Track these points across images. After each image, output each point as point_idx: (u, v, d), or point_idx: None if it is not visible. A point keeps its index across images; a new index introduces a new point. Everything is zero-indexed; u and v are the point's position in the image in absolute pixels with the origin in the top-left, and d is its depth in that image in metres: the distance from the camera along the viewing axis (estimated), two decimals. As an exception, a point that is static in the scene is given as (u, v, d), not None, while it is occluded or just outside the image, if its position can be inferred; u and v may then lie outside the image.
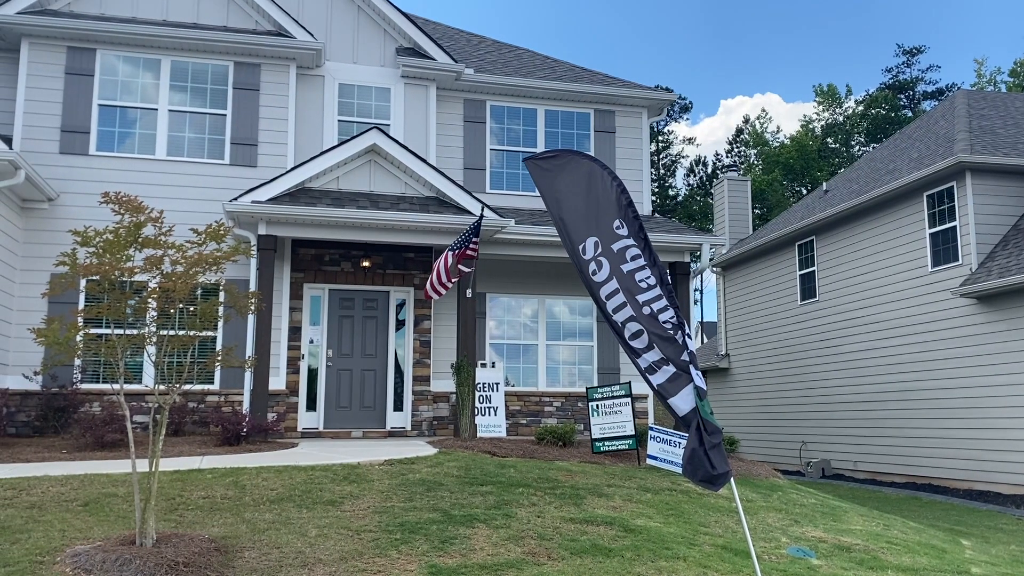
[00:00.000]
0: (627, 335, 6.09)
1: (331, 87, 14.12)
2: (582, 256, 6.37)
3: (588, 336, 14.79)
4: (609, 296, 6.18)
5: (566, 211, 6.64)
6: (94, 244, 5.91)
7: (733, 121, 79.06)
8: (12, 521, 6.42)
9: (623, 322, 6.11)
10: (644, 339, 6.03)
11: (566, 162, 6.74)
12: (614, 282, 6.17)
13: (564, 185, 6.70)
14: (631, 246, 6.24)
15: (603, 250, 6.27)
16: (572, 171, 6.64)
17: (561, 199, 6.69)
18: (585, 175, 6.62)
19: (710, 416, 5.93)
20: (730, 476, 5.89)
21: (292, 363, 13.02)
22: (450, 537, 6.44)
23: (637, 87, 16.14)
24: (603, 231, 6.31)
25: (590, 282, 6.32)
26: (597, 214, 6.43)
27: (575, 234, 6.51)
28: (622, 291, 6.14)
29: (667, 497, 8.56)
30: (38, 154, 12.24)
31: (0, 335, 11.52)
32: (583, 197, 6.56)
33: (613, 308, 6.15)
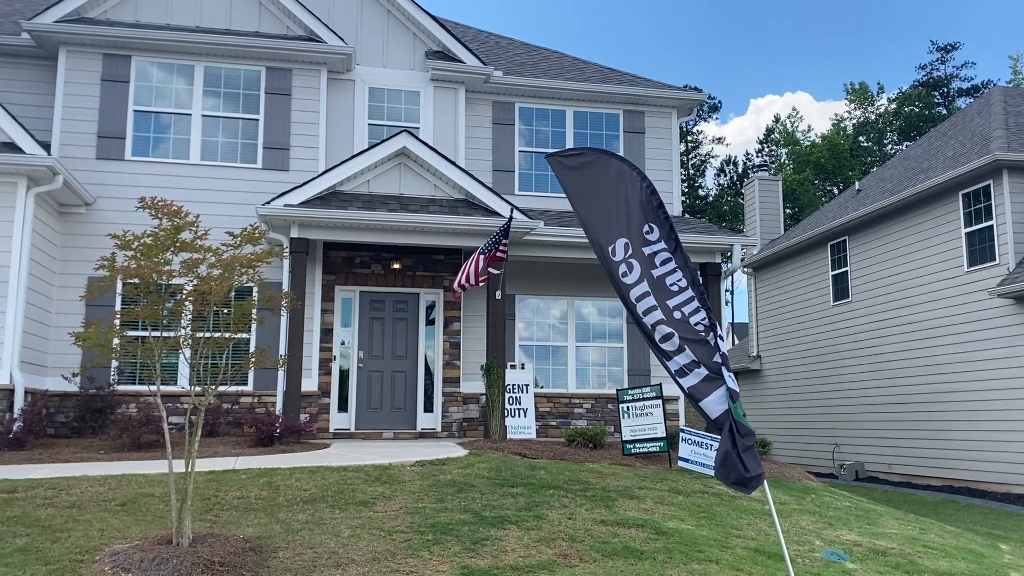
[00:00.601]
0: (657, 338, 6.06)
1: (361, 91, 14.23)
2: (611, 257, 6.32)
3: (618, 337, 14.75)
4: (639, 299, 6.15)
5: (591, 211, 6.59)
6: (133, 248, 6.03)
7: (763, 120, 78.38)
8: (53, 520, 6.55)
9: (653, 325, 6.08)
10: (675, 342, 6.00)
11: (591, 160, 6.67)
12: (645, 285, 6.14)
13: (589, 184, 6.65)
14: (662, 249, 6.19)
15: (634, 252, 6.22)
16: (598, 170, 6.58)
17: (586, 198, 6.64)
18: (614, 175, 6.56)
19: (743, 418, 5.88)
20: (763, 479, 5.85)
21: (324, 364, 13.13)
22: (481, 538, 6.46)
23: (666, 87, 16.08)
24: (633, 233, 6.27)
25: (619, 284, 6.29)
26: (627, 215, 6.39)
27: (603, 234, 6.46)
28: (653, 295, 6.10)
29: (699, 499, 8.51)
30: (75, 159, 12.46)
31: (39, 338, 11.74)
32: (611, 197, 6.51)
33: (643, 311, 6.12)
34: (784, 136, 55.11)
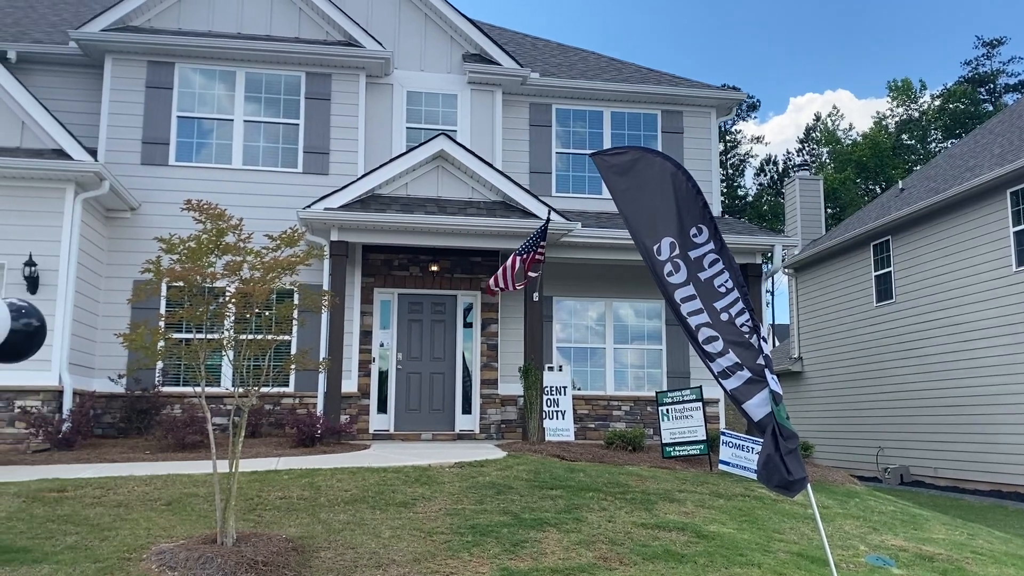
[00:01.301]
0: (701, 339, 6.01)
1: (399, 95, 14.33)
2: (656, 256, 6.27)
3: (657, 339, 14.66)
4: (685, 300, 6.10)
5: (636, 209, 6.54)
6: (178, 251, 6.14)
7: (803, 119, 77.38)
8: (101, 519, 6.69)
9: (697, 326, 6.03)
10: (719, 344, 5.94)
11: (636, 158, 6.63)
12: (691, 288, 6.09)
13: (634, 182, 6.60)
14: (710, 251, 6.14)
15: (680, 253, 6.17)
16: (643, 168, 6.54)
17: (630, 196, 6.60)
18: (658, 173, 6.51)
19: (786, 421, 5.81)
20: (807, 482, 5.77)
21: (363, 366, 13.24)
22: (521, 540, 6.46)
23: (705, 87, 15.95)
24: (681, 234, 6.21)
25: (664, 283, 6.24)
26: (673, 215, 6.33)
27: (648, 233, 6.41)
28: (699, 298, 6.05)
29: (740, 503, 8.42)
30: (121, 165, 12.71)
31: (87, 340, 12.00)
32: (656, 195, 6.46)
33: (688, 312, 6.07)
34: (825, 135, 54.37)
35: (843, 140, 53.13)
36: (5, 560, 5.59)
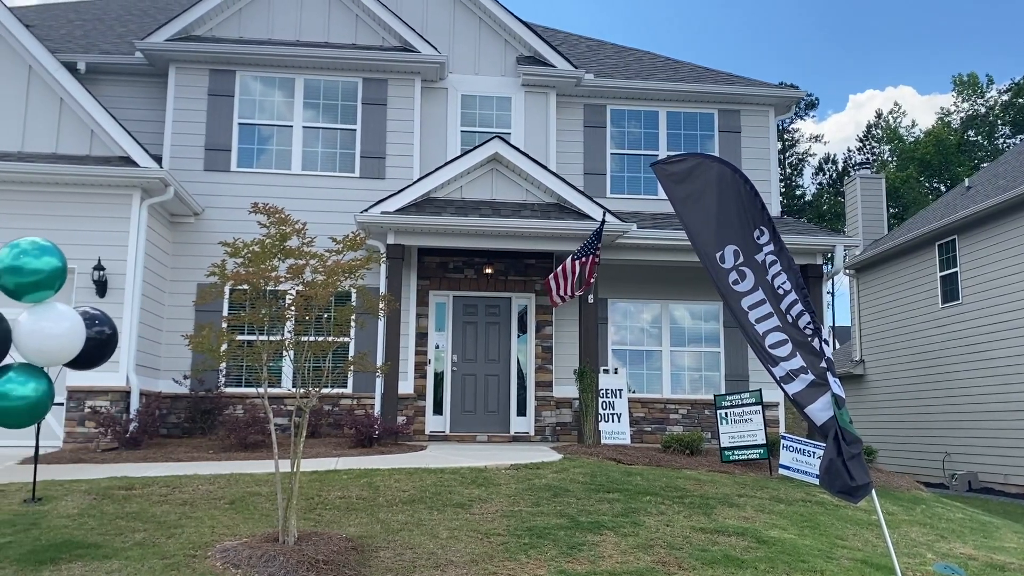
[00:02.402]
0: (768, 343, 5.92)
1: (454, 98, 14.43)
2: (719, 265, 6.19)
3: (714, 342, 14.47)
4: (753, 307, 6.02)
5: (696, 218, 6.48)
6: (242, 255, 6.28)
7: (863, 116, 75.64)
8: (167, 516, 6.86)
9: (765, 331, 5.95)
10: (787, 348, 5.85)
11: (694, 165, 6.58)
12: (760, 293, 6.00)
13: (693, 190, 6.54)
14: (770, 252, 6.06)
15: (745, 260, 6.09)
16: (700, 175, 6.47)
17: (690, 204, 6.54)
18: (715, 178, 6.44)
19: (849, 425, 5.69)
20: (871, 488, 5.64)
21: (419, 368, 13.35)
22: (578, 543, 6.44)
23: (762, 85, 15.72)
24: (744, 240, 6.13)
25: (729, 292, 6.15)
26: (735, 221, 6.25)
27: (710, 242, 6.33)
28: (769, 302, 5.97)
29: (801, 508, 8.27)
30: (185, 171, 13.04)
31: (153, 342, 12.33)
32: (715, 202, 6.39)
33: (756, 319, 5.99)
34: (886, 132, 53.07)
35: (905, 137, 51.79)
36: (77, 555, 5.78)
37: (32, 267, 6.70)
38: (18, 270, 6.67)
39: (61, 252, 7.00)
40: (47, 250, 6.86)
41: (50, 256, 6.84)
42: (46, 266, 6.78)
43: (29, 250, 6.76)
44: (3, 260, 6.69)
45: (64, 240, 10.75)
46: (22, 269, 6.68)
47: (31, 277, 6.70)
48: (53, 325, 6.78)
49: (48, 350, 6.81)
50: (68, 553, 5.81)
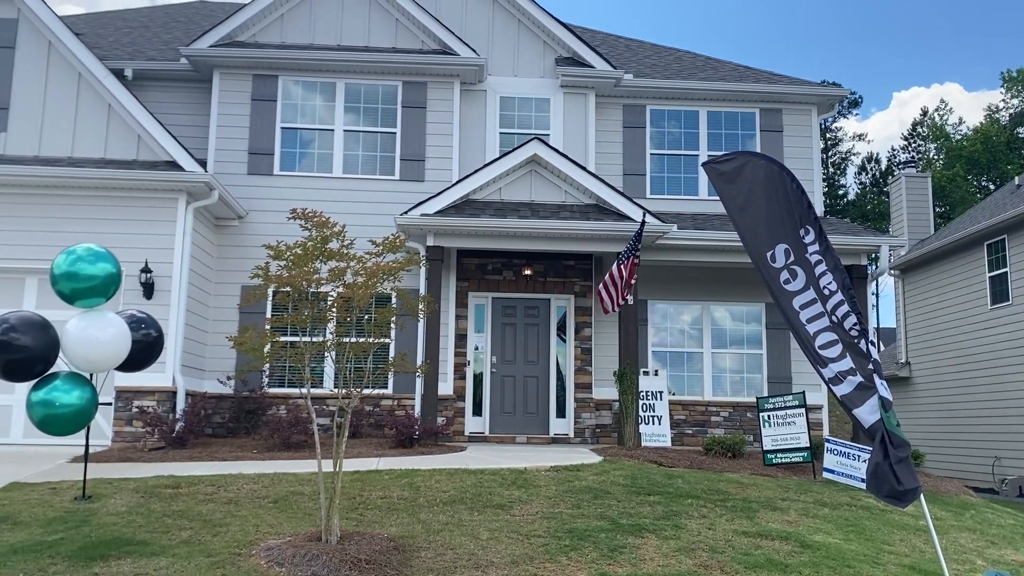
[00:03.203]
0: (818, 344, 5.85)
1: (492, 100, 14.46)
2: (771, 264, 6.12)
3: (757, 343, 14.30)
4: (804, 306, 5.95)
5: (747, 217, 6.42)
6: (285, 257, 6.37)
7: (908, 114, 74.20)
8: (213, 515, 6.98)
9: (816, 332, 5.88)
10: (837, 349, 5.77)
11: (743, 164, 6.51)
12: (811, 292, 5.93)
13: (743, 189, 6.48)
14: (816, 252, 5.99)
15: (796, 259, 6.02)
16: (750, 174, 6.41)
17: (741, 204, 6.48)
18: (764, 177, 6.37)
19: (896, 428, 5.60)
20: (919, 492, 5.54)
21: (459, 369, 13.40)
22: (619, 546, 6.41)
23: (804, 83, 15.51)
24: (792, 238, 6.07)
25: (780, 291, 6.08)
26: (784, 219, 6.18)
27: (761, 241, 6.27)
28: (819, 302, 5.89)
29: (846, 512, 8.14)
30: (229, 175, 13.25)
31: (198, 343, 12.54)
32: (764, 201, 6.32)
33: (807, 318, 5.91)
34: (932, 130, 52.02)
35: (952, 135, 50.72)
36: (127, 552, 5.90)
37: (87, 273, 6.85)
38: (74, 276, 6.82)
39: (115, 259, 7.14)
40: (102, 256, 7.00)
41: (105, 262, 6.99)
42: (101, 272, 6.92)
43: (84, 256, 6.91)
44: (59, 266, 6.84)
45: (112, 243, 10.96)
46: (78, 275, 6.82)
47: (86, 283, 6.85)
48: (99, 332, 6.89)
49: (95, 357, 6.93)
50: (117, 550, 5.94)
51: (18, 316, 6.87)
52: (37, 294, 11.44)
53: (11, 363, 6.72)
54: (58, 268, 6.84)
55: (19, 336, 6.69)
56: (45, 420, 6.74)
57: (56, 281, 6.85)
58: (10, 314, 6.88)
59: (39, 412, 6.71)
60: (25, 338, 6.70)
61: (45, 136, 12.12)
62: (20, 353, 6.68)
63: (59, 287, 6.86)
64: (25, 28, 12.35)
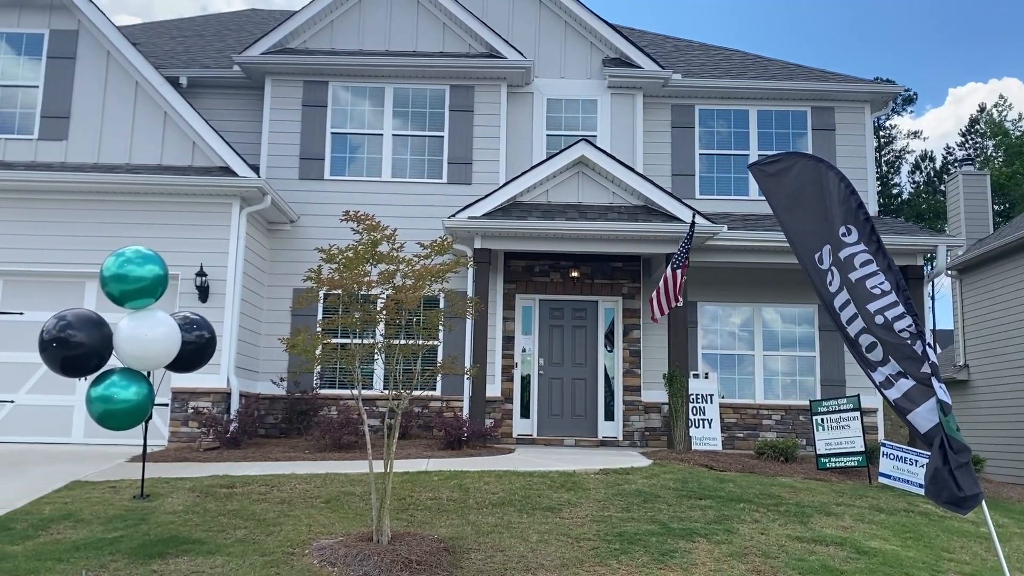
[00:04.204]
0: (863, 347, 5.73)
1: (539, 103, 14.47)
2: (818, 266, 6.02)
3: (809, 346, 14.06)
4: (842, 307, 5.84)
5: (795, 219, 6.32)
6: (337, 260, 6.45)
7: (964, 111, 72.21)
8: (267, 514, 7.09)
9: (856, 334, 5.76)
10: (879, 351, 5.64)
11: (791, 165, 6.41)
12: (845, 293, 5.82)
13: (791, 191, 6.38)
14: (861, 251, 5.85)
15: (834, 260, 5.93)
16: (798, 175, 6.30)
17: (789, 206, 6.38)
18: (812, 177, 6.26)
19: (956, 433, 5.44)
20: (981, 499, 5.38)
21: (506, 371, 13.42)
22: (670, 550, 6.35)
23: (857, 81, 15.23)
24: (832, 237, 5.97)
25: (826, 293, 5.99)
26: (829, 219, 6.08)
27: (808, 243, 6.17)
28: (853, 303, 5.77)
29: (903, 518, 7.96)
30: (280, 180, 13.47)
31: (252, 345, 12.77)
32: (812, 202, 6.22)
33: (846, 320, 5.81)
34: (991, 127, 50.61)
35: (1012, 131, 49.28)
36: (183, 550, 6.03)
37: (136, 275, 7.02)
38: (123, 278, 7.00)
39: (163, 260, 7.30)
40: (150, 258, 7.17)
41: (153, 264, 7.15)
42: (149, 274, 7.09)
43: (133, 258, 7.08)
44: (109, 268, 7.03)
45: (168, 248, 11.26)
46: (126, 277, 7.00)
47: (135, 284, 7.01)
48: (149, 331, 7.05)
49: (145, 355, 7.10)
50: (175, 548, 6.07)
51: (74, 313, 7.10)
52: (97, 297, 11.74)
53: (68, 359, 6.95)
54: (107, 270, 7.02)
55: (75, 333, 6.91)
56: (104, 415, 6.93)
57: (105, 283, 7.03)
58: (67, 311, 7.11)
59: (98, 408, 6.90)
60: (81, 334, 6.92)
61: (104, 143, 12.46)
62: (77, 349, 6.90)
63: (108, 289, 7.04)
64: (85, 39, 12.71)
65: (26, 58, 12.79)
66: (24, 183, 11.91)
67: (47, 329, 6.90)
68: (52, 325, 6.91)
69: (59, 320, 6.94)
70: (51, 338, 6.85)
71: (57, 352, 6.87)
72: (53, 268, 11.78)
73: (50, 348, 6.87)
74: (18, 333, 11.64)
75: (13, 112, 12.64)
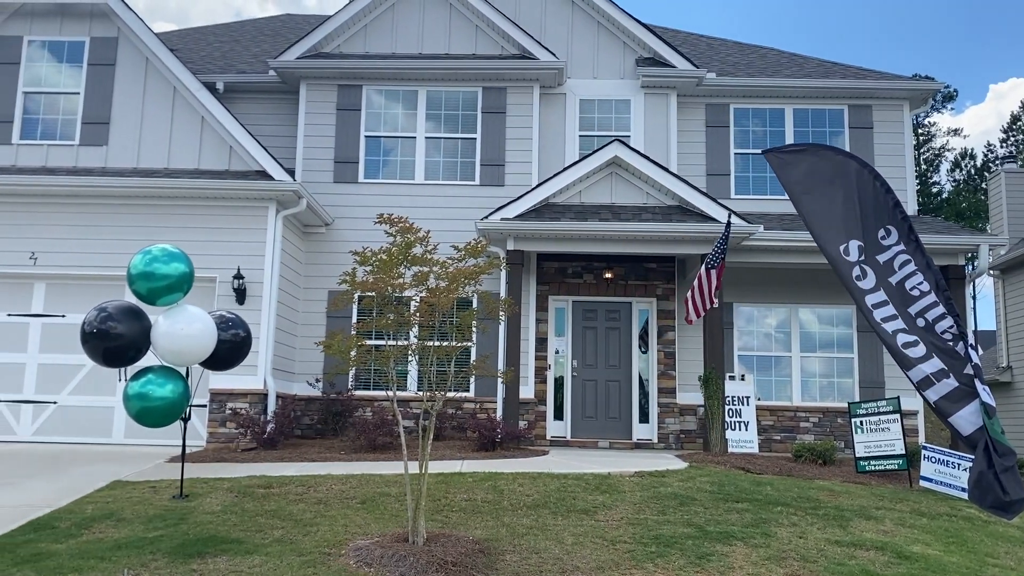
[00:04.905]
0: (900, 344, 5.64)
1: (572, 103, 14.44)
2: (843, 257, 5.96)
3: (847, 347, 13.85)
4: (876, 306, 5.76)
5: (816, 209, 6.25)
6: (371, 263, 6.49)
7: (1006, 107, 70.73)
8: (303, 515, 7.15)
9: (894, 332, 5.67)
10: (920, 349, 5.55)
11: (813, 155, 6.33)
12: (882, 293, 5.74)
13: (813, 181, 6.31)
14: (900, 252, 5.76)
15: (867, 258, 5.84)
16: (822, 166, 6.23)
17: (809, 196, 6.31)
18: (839, 171, 6.18)
19: (1001, 436, 5.35)
20: (1028, 503, 5.26)
21: (539, 373, 13.40)
22: (706, 553, 6.29)
23: (895, 78, 14.99)
24: (868, 237, 5.88)
25: (853, 287, 5.92)
26: (859, 216, 6.00)
27: (832, 235, 6.11)
28: (892, 303, 5.69)
29: (945, 523, 7.79)
30: (315, 183, 13.58)
31: (288, 346, 12.89)
32: (839, 195, 6.14)
33: (881, 318, 5.73)
34: (1034, 123, 49.48)
35: (1056, 127, 48.13)
36: (222, 550, 6.10)
37: (162, 272, 7.15)
38: (150, 275, 7.13)
39: (188, 258, 7.43)
40: (176, 256, 7.30)
41: (178, 262, 7.27)
42: (174, 271, 7.21)
43: (159, 256, 7.22)
44: (136, 266, 7.16)
45: (206, 251, 11.50)
46: (153, 274, 7.13)
47: (161, 282, 7.14)
48: (186, 326, 7.19)
49: (182, 350, 7.22)
50: (213, 547, 6.14)
51: (114, 305, 7.25)
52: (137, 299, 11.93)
53: (109, 349, 7.11)
54: (134, 268, 7.14)
55: (116, 324, 7.07)
56: (141, 412, 7.05)
57: (133, 281, 7.15)
58: (107, 303, 7.26)
59: (135, 405, 7.03)
60: (121, 326, 7.07)
61: (143, 148, 12.66)
62: (117, 340, 7.05)
63: (135, 287, 7.17)
64: (124, 46, 12.94)
65: (67, 65, 13.05)
66: (66, 188, 12.15)
67: (88, 321, 7.06)
68: (93, 317, 7.08)
69: (100, 312, 7.11)
70: (92, 329, 7.01)
71: (99, 343, 7.03)
72: (94, 271, 11.98)
73: (92, 340, 7.03)
74: (60, 335, 11.88)
75: (55, 119, 12.91)
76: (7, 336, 12.09)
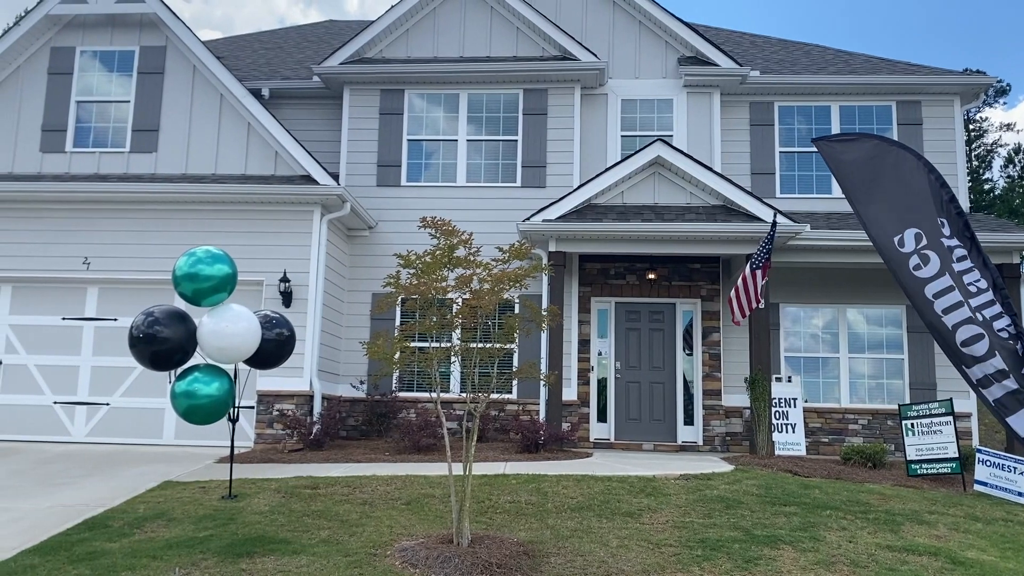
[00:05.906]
0: (960, 339, 5.51)
1: (614, 104, 14.38)
2: (898, 248, 5.82)
3: (897, 348, 13.58)
4: (938, 295, 5.62)
5: (869, 200, 6.14)
6: (415, 266, 6.53)
7: (1063, 100, 68.70)
8: (349, 515, 7.21)
9: (954, 325, 5.53)
10: (983, 345, 5.41)
11: (866, 145, 6.21)
12: (947, 279, 5.60)
13: (866, 171, 6.19)
14: (957, 246, 5.63)
15: (930, 244, 5.70)
16: (875, 156, 6.11)
17: (862, 187, 6.20)
18: (893, 162, 6.07)
19: (1060, 439, 5.18)
20: (1089, 509, 5.10)
21: (582, 375, 13.36)
22: (754, 557, 6.21)
23: (945, 72, 14.67)
24: (927, 225, 5.75)
25: (909, 278, 5.78)
26: (919, 205, 5.86)
27: (885, 225, 5.99)
28: (957, 290, 5.54)
29: (1001, 528, 7.59)
30: (359, 187, 13.72)
31: (333, 349, 13.03)
32: (892, 185, 6.02)
33: (942, 309, 5.59)
34: (1091, 116, 47.99)
35: (1115, 121, 46.65)
36: (270, 550, 6.18)
37: (206, 274, 7.32)
38: (194, 276, 7.29)
39: (231, 259, 7.57)
40: (219, 258, 7.44)
41: (222, 263, 7.43)
42: (218, 272, 7.37)
43: (203, 258, 7.38)
44: (181, 268, 7.33)
45: (253, 255, 11.71)
46: (198, 276, 7.30)
47: (206, 283, 7.32)
48: (231, 324, 7.35)
49: (227, 347, 7.37)
50: (262, 547, 6.22)
51: (161, 310, 7.41)
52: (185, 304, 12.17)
53: (156, 353, 7.28)
54: (179, 270, 7.30)
55: (162, 328, 7.23)
56: (188, 411, 7.20)
57: (178, 283, 7.32)
58: (154, 308, 7.41)
59: (182, 403, 7.18)
60: (167, 330, 7.24)
61: (191, 155, 12.91)
62: (163, 344, 7.21)
63: (181, 288, 7.33)
64: (172, 54, 13.21)
65: (118, 75, 13.35)
66: (117, 194, 12.44)
67: (135, 325, 7.22)
68: (140, 321, 7.24)
69: (147, 316, 7.27)
70: (139, 334, 7.16)
71: (146, 347, 7.18)
72: (145, 276, 12.24)
73: (139, 344, 7.18)
74: (113, 338, 12.16)
75: (107, 127, 13.22)
76: (62, 339, 12.41)
